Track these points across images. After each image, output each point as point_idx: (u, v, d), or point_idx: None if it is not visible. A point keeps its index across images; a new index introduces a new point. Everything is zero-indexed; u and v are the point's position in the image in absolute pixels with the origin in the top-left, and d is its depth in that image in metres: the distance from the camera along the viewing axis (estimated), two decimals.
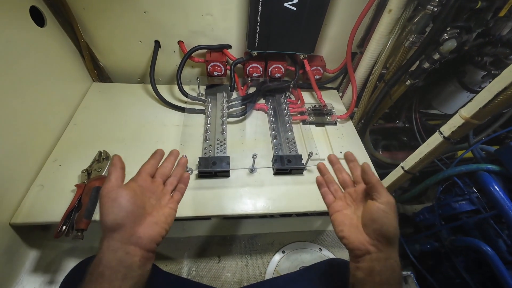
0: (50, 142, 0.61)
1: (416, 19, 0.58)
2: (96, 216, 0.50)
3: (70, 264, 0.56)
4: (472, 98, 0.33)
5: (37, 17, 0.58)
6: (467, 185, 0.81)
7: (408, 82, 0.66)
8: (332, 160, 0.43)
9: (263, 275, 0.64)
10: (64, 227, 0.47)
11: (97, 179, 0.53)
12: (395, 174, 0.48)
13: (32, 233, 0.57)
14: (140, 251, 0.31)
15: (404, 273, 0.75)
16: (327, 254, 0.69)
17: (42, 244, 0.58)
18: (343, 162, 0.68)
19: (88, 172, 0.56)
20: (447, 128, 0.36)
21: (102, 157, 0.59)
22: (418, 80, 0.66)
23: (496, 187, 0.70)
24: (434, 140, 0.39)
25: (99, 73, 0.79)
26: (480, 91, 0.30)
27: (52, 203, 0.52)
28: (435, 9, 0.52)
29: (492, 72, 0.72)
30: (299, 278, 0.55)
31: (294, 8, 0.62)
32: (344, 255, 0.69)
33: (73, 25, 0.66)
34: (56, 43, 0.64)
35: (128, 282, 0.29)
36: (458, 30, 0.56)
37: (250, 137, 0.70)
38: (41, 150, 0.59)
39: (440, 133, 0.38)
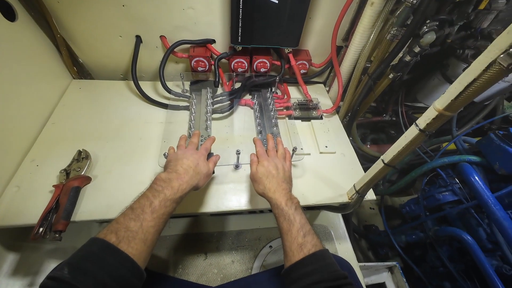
0: (27, 142, 0.59)
1: (398, 12, 0.58)
2: (75, 217, 0.49)
3: (51, 266, 0.55)
4: None
5: (7, 11, 0.55)
6: (450, 177, 0.83)
7: (391, 76, 0.66)
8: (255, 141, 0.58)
9: (250, 270, 0.64)
10: (41, 229, 0.46)
11: (76, 179, 0.52)
12: (376, 167, 0.48)
13: (9, 236, 0.55)
14: None
15: (389, 263, 0.77)
16: None
17: (22, 246, 0.56)
18: (327, 155, 0.68)
19: (67, 172, 0.54)
20: (423, 121, 0.37)
21: (81, 157, 0.57)
22: (401, 74, 0.67)
23: (476, 177, 0.71)
24: (411, 132, 0.39)
25: (79, 69, 0.77)
26: None
27: (28, 204, 0.50)
28: (415, 1, 0.52)
29: None
30: None
31: (276, 1, 0.61)
32: (330, 248, 0.71)
33: (47, 19, 0.64)
34: (29, 39, 0.62)
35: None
36: (437, 23, 0.56)
37: (235, 133, 0.70)
38: (17, 150, 0.57)
39: (416, 125, 0.38)
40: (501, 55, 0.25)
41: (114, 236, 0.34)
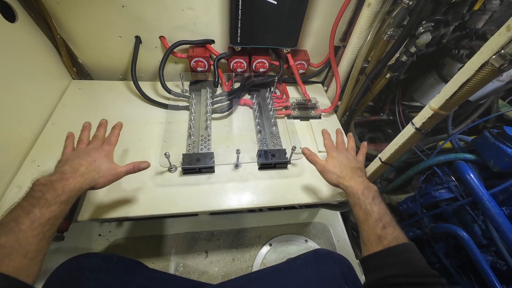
0: (27, 142, 0.60)
1: (394, 12, 0.59)
2: (76, 217, 0.49)
3: (52, 265, 0.55)
4: None
5: (7, 12, 0.55)
6: (446, 174, 0.85)
7: (388, 75, 0.67)
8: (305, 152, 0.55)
9: (250, 268, 0.65)
10: None
11: None
12: (374, 165, 0.50)
13: None
14: None
15: None
16: (312, 245, 0.70)
17: None
18: (326, 154, 0.69)
19: None
20: (419, 120, 0.38)
21: None
22: (398, 73, 0.68)
23: (471, 175, 0.73)
24: (408, 131, 0.40)
25: (78, 70, 0.77)
26: None
27: None
28: (411, 2, 0.53)
29: None
30: (285, 268, 0.57)
31: (275, 2, 0.62)
32: (330, 245, 0.72)
33: (47, 20, 0.64)
34: (29, 39, 0.62)
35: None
36: (433, 24, 0.57)
37: (235, 132, 0.70)
38: (18, 151, 0.57)
39: (413, 124, 0.39)
40: (493, 56, 0.27)
41: None
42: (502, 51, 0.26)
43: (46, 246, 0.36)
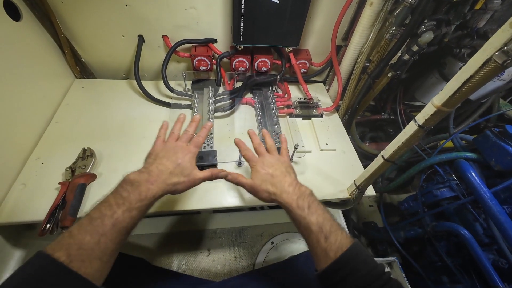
0: (31, 140, 0.60)
1: (396, 11, 0.60)
2: (81, 213, 0.49)
3: None
4: None
5: (12, 11, 0.56)
6: (447, 173, 0.85)
7: (389, 74, 0.68)
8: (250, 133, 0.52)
9: (252, 266, 0.65)
10: (48, 225, 0.47)
11: (82, 176, 0.53)
12: (376, 163, 0.50)
13: (16, 233, 0.56)
14: None
15: (389, 259, 0.78)
16: None
17: (28, 244, 0.57)
18: (328, 153, 0.69)
19: (72, 169, 0.55)
20: (421, 117, 0.38)
21: (86, 154, 0.58)
22: (400, 72, 0.68)
23: (473, 173, 0.73)
24: (410, 128, 0.40)
25: (81, 69, 0.77)
26: None
27: (35, 201, 0.51)
28: (413, 1, 0.53)
29: None
30: (286, 266, 0.57)
31: (278, 1, 0.62)
32: None
33: (51, 19, 0.64)
34: (33, 38, 0.62)
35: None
36: (435, 22, 0.57)
37: (237, 131, 0.71)
38: (23, 149, 0.58)
39: (415, 121, 0.39)
40: (496, 53, 0.27)
41: (64, 253, 0.29)
42: (505, 47, 0.26)
43: (116, 253, 0.35)
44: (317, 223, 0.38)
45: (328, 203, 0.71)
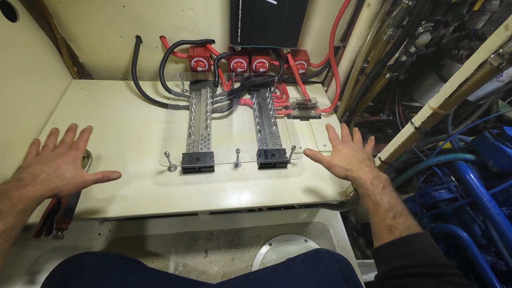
0: (28, 142, 0.59)
1: (394, 13, 0.59)
2: (76, 216, 0.49)
3: (52, 264, 0.55)
4: None
5: (8, 11, 0.56)
6: (445, 174, 0.85)
7: (387, 76, 0.67)
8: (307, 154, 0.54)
9: (250, 267, 0.65)
10: (43, 227, 0.47)
11: None
12: None
13: None
14: None
15: None
16: (312, 245, 0.70)
17: (23, 245, 0.57)
18: (326, 154, 0.69)
19: None
20: (418, 119, 0.38)
21: (83, 156, 0.57)
22: (398, 73, 0.68)
23: (471, 175, 0.73)
24: (407, 130, 0.40)
25: (79, 69, 0.77)
26: None
27: None
28: (410, 2, 0.53)
29: None
30: (284, 268, 0.57)
31: (275, 2, 0.62)
32: (329, 245, 0.72)
33: (48, 20, 0.64)
34: (30, 39, 0.62)
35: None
36: (433, 24, 0.57)
37: (235, 132, 0.70)
38: (19, 150, 0.57)
39: (412, 123, 0.39)
40: (492, 55, 0.27)
41: None
42: (501, 50, 0.26)
43: (1, 261, 0.33)
44: (388, 202, 0.38)
45: (326, 205, 0.71)
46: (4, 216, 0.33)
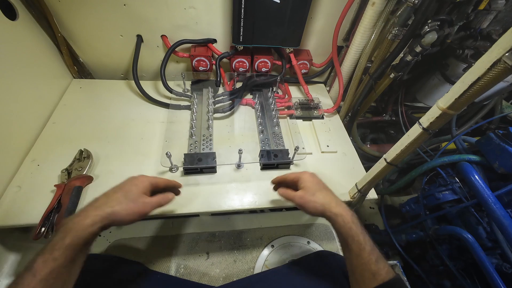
0: (27, 141, 0.59)
1: (399, 12, 0.59)
2: None
3: None
4: None
5: (8, 10, 0.55)
6: (450, 176, 0.84)
7: (392, 75, 0.67)
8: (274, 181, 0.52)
9: (252, 270, 0.64)
10: (43, 229, 0.46)
11: (78, 179, 0.52)
12: (379, 166, 0.49)
13: (11, 236, 0.55)
14: None
15: (390, 262, 0.77)
16: (315, 246, 0.69)
17: (22, 247, 0.56)
18: (329, 155, 0.68)
19: (68, 171, 0.54)
20: (426, 119, 0.37)
21: (83, 156, 0.57)
22: (402, 73, 0.67)
23: (476, 176, 0.72)
24: (414, 131, 0.39)
25: (79, 69, 0.76)
26: None
27: (30, 204, 0.50)
28: (416, 1, 0.52)
29: (473, 64, 0.74)
30: (287, 271, 0.56)
31: (278, 1, 0.62)
32: (332, 247, 0.71)
33: (48, 18, 0.63)
34: (30, 38, 0.61)
35: None
36: (439, 23, 0.56)
37: (237, 132, 0.69)
38: (18, 150, 0.57)
39: (420, 124, 0.38)
40: (506, 54, 0.26)
41: None
42: None
43: (69, 285, 0.31)
44: (369, 244, 0.38)
45: None
46: (54, 251, 0.30)
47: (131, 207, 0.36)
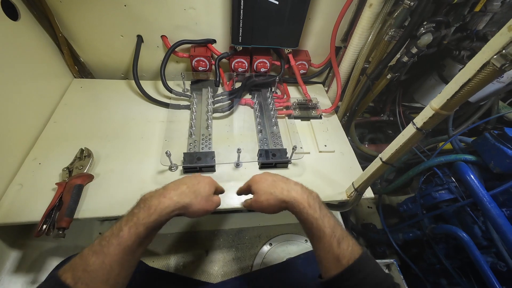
0: (29, 140, 0.60)
1: (396, 13, 0.59)
2: (78, 214, 0.49)
3: (53, 263, 0.56)
4: None
5: (10, 10, 0.56)
6: (446, 175, 0.85)
7: (389, 76, 0.67)
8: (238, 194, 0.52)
9: (250, 267, 0.65)
10: (44, 226, 0.47)
11: (79, 177, 0.53)
12: (374, 165, 0.49)
13: (13, 233, 0.56)
14: None
15: (387, 261, 0.78)
16: None
17: (24, 244, 0.56)
18: (326, 154, 0.69)
19: (69, 170, 0.55)
20: (420, 119, 0.38)
21: (84, 155, 0.58)
22: (399, 74, 0.68)
23: (472, 176, 0.73)
24: (409, 131, 0.40)
25: (80, 69, 0.77)
26: None
27: (32, 202, 0.50)
28: (412, 3, 0.53)
29: None
30: (285, 267, 0.57)
31: (277, 2, 0.62)
32: None
33: (49, 18, 0.64)
34: (31, 37, 0.62)
35: None
36: (434, 24, 0.57)
37: (236, 132, 0.70)
38: (20, 149, 0.57)
39: (414, 124, 0.39)
40: (495, 56, 0.27)
41: (70, 275, 0.29)
42: (504, 51, 0.26)
43: (129, 272, 0.33)
44: (330, 226, 0.36)
45: (327, 205, 0.71)
46: (139, 226, 0.32)
47: (203, 204, 0.39)
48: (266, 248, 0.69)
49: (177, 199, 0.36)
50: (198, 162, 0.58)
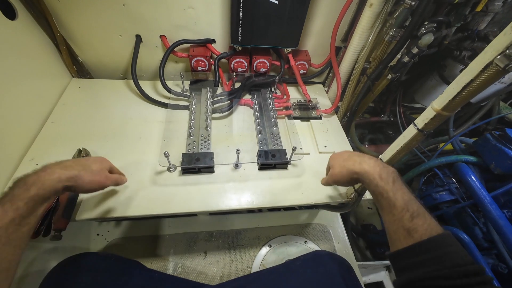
0: (26, 140, 0.59)
1: (396, 13, 0.59)
2: (74, 216, 0.49)
3: (50, 265, 0.55)
4: None
5: (7, 9, 0.55)
6: (447, 176, 0.84)
7: (389, 76, 0.67)
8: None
9: (249, 269, 0.64)
10: (41, 227, 0.46)
11: None
12: None
13: None
14: None
15: (387, 262, 0.78)
16: (312, 246, 0.70)
17: None
18: (326, 155, 0.68)
19: None
20: (421, 120, 0.37)
21: (81, 155, 0.57)
22: (399, 74, 0.67)
23: (473, 177, 0.72)
24: (409, 132, 0.40)
25: (78, 68, 0.76)
26: None
27: None
28: (413, 3, 0.53)
29: None
30: (284, 270, 0.56)
31: (277, 2, 0.62)
32: (329, 247, 0.71)
33: (47, 18, 0.63)
34: (29, 37, 0.61)
35: None
36: (435, 24, 0.57)
37: (235, 132, 0.70)
38: (16, 149, 0.57)
39: (415, 125, 0.38)
40: (498, 56, 0.26)
41: None
42: (507, 51, 0.25)
43: (13, 253, 0.31)
44: (403, 199, 0.34)
45: (327, 206, 0.70)
46: (15, 201, 0.31)
47: (95, 177, 0.40)
48: (265, 249, 0.68)
49: (61, 171, 0.35)
50: (197, 163, 0.57)
